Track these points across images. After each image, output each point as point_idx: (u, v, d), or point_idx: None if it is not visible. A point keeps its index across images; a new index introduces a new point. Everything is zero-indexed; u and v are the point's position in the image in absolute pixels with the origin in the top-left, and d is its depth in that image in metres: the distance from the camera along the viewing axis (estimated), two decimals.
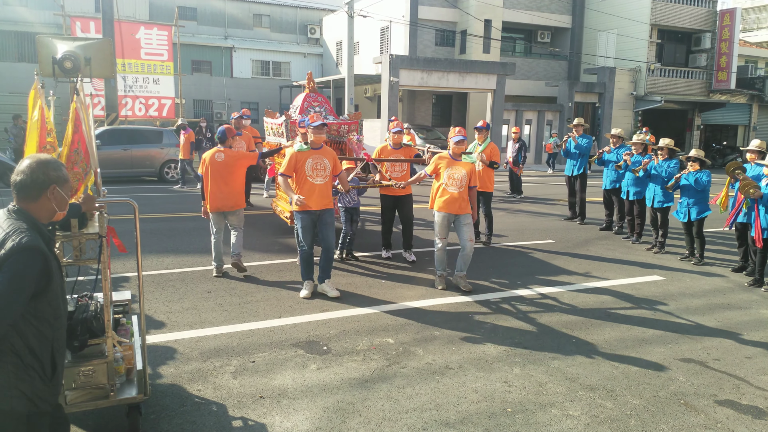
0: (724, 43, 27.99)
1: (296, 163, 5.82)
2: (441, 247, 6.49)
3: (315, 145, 5.87)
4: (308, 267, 6.05)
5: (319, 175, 5.82)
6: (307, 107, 8.24)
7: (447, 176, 6.29)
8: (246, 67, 33.22)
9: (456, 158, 6.36)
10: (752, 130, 31.37)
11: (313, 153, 5.85)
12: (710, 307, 6.21)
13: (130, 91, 19.24)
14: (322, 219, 5.92)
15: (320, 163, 5.83)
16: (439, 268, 6.55)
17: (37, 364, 2.12)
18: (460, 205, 6.31)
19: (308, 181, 5.79)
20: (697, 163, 7.73)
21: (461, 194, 6.30)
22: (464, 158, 6.44)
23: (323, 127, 5.86)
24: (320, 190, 5.83)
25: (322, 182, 5.85)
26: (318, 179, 5.82)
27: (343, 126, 8.16)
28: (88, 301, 3.34)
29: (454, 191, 6.28)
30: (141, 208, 10.67)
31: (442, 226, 6.43)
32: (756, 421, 3.82)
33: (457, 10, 25.91)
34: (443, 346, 4.87)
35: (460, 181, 6.27)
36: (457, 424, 3.64)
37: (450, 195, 6.29)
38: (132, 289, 5.79)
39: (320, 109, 8.31)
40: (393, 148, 7.67)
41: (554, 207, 12.86)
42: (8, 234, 2.03)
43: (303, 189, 5.80)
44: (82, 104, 3.45)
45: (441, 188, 6.35)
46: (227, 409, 3.74)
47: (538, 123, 26.37)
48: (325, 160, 5.88)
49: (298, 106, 8.29)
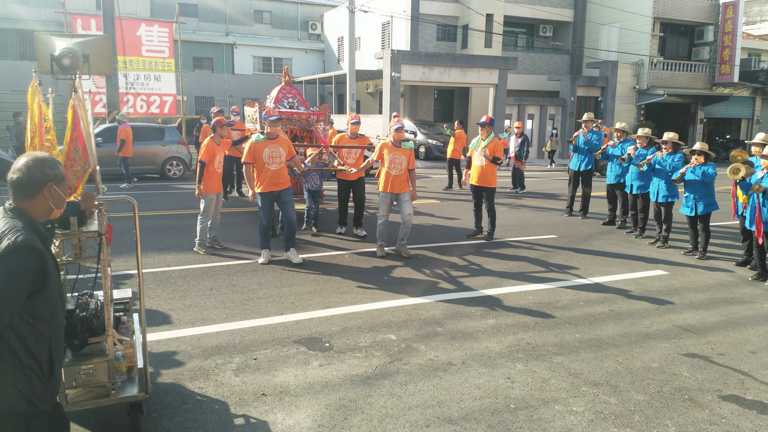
0: (727, 36, 27.82)
1: (255, 152, 6.71)
2: (383, 222, 7.52)
3: (271, 135, 6.74)
4: (266, 238, 7.06)
5: (274, 161, 6.73)
6: (282, 98, 9.35)
7: (389, 161, 7.32)
8: (247, 63, 33.19)
9: (396, 145, 7.37)
10: (756, 123, 31.23)
11: (270, 143, 6.73)
12: (714, 301, 6.18)
13: (132, 89, 19.18)
14: (281, 198, 6.87)
15: (276, 152, 6.74)
16: (379, 239, 7.58)
17: (35, 364, 2.10)
18: (400, 184, 7.37)
19: (265, 168, 6.71)
20: (702, 157, 7.69)
21: (401, 176, 7.36)
22: (403, 145, 7.39)
23: (278, 120, 6.78)
24: (276, 174, 6.77)
25: (278, 168, 6.77)
26: (273, 165, 6.73)
27: (312, 116, 9.20)
28: (88, 299, 3.32)
29: (395, 173, 7.33)
30: (143, 205, 10.51)
31: (385, 204, 7.45)
32: (761, 416, 3.79)
33: (458, 5, 25.80)
34: (446, 342, 4.85)
35: (400, 165, 7.33)
36: (460, 421, 3.62)
37: (391, 176, 7.32)
38: (133, 286, 5.78)
39: (293, 100, 9.43)
40: (350, 137, 8.81)
41: (557, 202, 12.82)
42: (4, 233, 2.01)
43: (261, 174, 6.74)
44: (80, 101, 3.43)
45: (384, 171, 7.37)
46: (229, 406, 3.73)
47: (540, 117, 26.28)
48: (280, 148, 6.77)
49: (273, 97, 9.39)
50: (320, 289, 6.14)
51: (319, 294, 5.99)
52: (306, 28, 36.11)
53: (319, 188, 8.98)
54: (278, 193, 6.84)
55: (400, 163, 7.33)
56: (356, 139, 8.84)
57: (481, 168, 8.51)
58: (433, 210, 11.31)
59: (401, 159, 7.33)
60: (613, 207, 10.19)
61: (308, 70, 33.46)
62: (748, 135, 30.78)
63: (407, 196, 7.44)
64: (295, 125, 9.04)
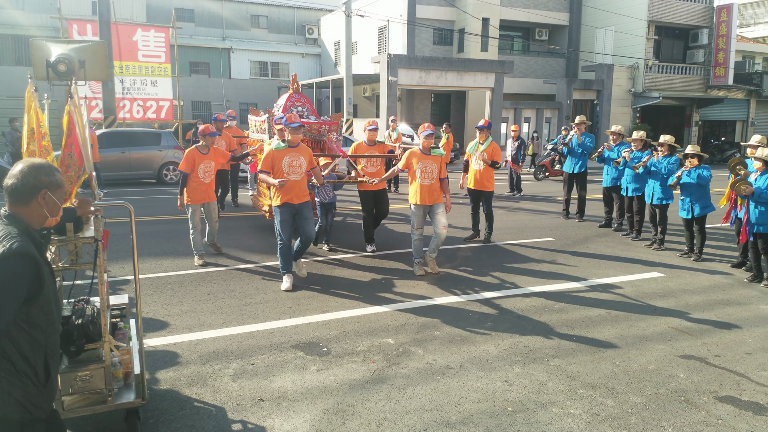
0: (722, 38, 27.97)
1: (273, 161, 6.13)
2: (418, 237, 6.93)
3: (292, 143, 6.16)
4: (287, 259, 6.32)
5: (295, 171, 6.13)
6: (290, 106, 8.62)
7: (420, 170, 6.76)
8: (244, 68, 33.21)
9: (426, 152, 6.82)
10: (750, 125, 31.35)
11: (290, 151, 6.15)
12: (710, 303, 6.19)
13: (128, 94, 19.20)
14: (301, 213, 6.24)
15: (297, 161, 6.15)
16: (417, 256, 7.00)
17: (30, 371, 2.10)
18: (433, 195, 6.80)
19: (285, 178, 6.08)
20: (696, 159, 7.72)
21: (434, 185, 6.79)
22: (433, 152, 6.84)
23: (300, 128, 6.17)
24: (297, 185, 6.15)
25: (298, 178, 6.15)
26: (294, 175, 6.12)
27: (324, 126, 8.51)
28: (84, 305, 3.32)
29: (427, 183, 6.76)
30: (139, 210, 10.48)
31: (419, 217, 6.88)
32: (757, 417, 3.80)
33: (454, 9, 25.90)
34: (443, 345, 4.85)
35: (432, 173, 6.77)
36: (458, 424, 3.62)
37: (424, 187, 6.77)
38: (130, 292, 5.77)
39: (302, 109, 8.67)
40: (368, 145, 8.05)
41: (553, 205, 12.84)
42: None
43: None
44: (76, 107, 3.43)
45: (415, 182, 6.82)
46: (226, 412, 3.72)
47: (536, 121, 26.35)
48: (301, 157, 6.18)
49: (282, 105, 8.68)
50: (318, 294, 6.13)
51: (316, 299, 5.98)
52: (303, 33, 36.17)
53: (333, 200, 8.09)
54: (298, 206, 6.21)
55: (432, 172, 6.76)
56: (375, 146, 8.10)
57: (479, 172, 8.53)
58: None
59: (432, 167, 6.76)
60: (609, 209, 10.22)
61: (305, 75, 33.50)
62: (742, 137, 30.91)
63: (441, 207, 6.85)
64: (306, 136, 8.20)
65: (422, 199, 6.78)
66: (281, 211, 6.16)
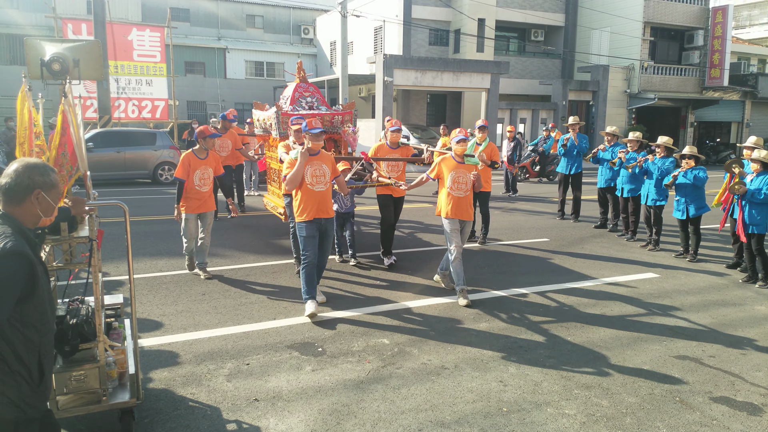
0: (717, 40, 28.10)
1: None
2: (456, 255, 5.93)
3: (312, 150, 5.51)
4: (311, 283, 5.52)
5: (319, 182, 5.47)
6: (298, 98, 7.77)
7: (452, 179, 5.96)
8: (239, 67, 33.17)
9: (459, 160, 6.05)
10: (745, 126, 31.51)
11: (312, 159, 5.47)
12: (705, 303, 6.22)
13: (123, 93, 19.15)
14: (326, 231, 5.60)
15: (319, 170, 5.48)
16: (459, 282, 5.96)
17: (24, 371, 2.10)
18: (467, 209, 6.03)
19: (309, 189, 5.43)
20: (692, 160, 7.75)
21: (467, 198, 6.01)
22: (467, 161, 6.12)
23: (322, 134, 5.55)
24: (323, 198, 5.50)
25: (324, 189, 5.51)
26: (319, 186, 5.47)
27: (337, 117, 7.67)
28: (79, 305, 3.31)
29: (460, 195, 5.97)
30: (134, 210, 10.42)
31: (454, 233, 5.98)
32: (751, 417, 3.82)
33: (450, 10, 25.92)
34: (438, 346, 4.85)
35: (465, 184, 5.98)
36: (453, 425, 3.62)
37: (455, 199, 5.96)
38: (125, 292, 5.75)
39: (312, 99, 7.83)
40: (390, 147, 7.31)
41: (549, 205, 12.87)
42: None
43: (304, 197, 5.45)
44: (70, 106, 3.42)
45: (445, 192, 6.02)
46: (221, 412, 3.71)
47: (532, 121, 26.41)
48: (324, 166, 5.53)
49: (289, 97, 7.83)
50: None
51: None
52: (298, 33, 36.15)
53: (351, 209, 7.36)
54: (325, 222, 5.55)
55: (465, 183, 5.97)
56: (398, 149, 7.30)
57: None
58: (425, 213, 11.33)
59: (466, 178, 5.98)
60: (604, 210, 10.24)
61: None
62: (738, 138, 31.06)
63: (470, 225, 6.18)
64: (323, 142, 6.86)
65: (453, 211, 5.96)
66: (307, 226, 5.46)
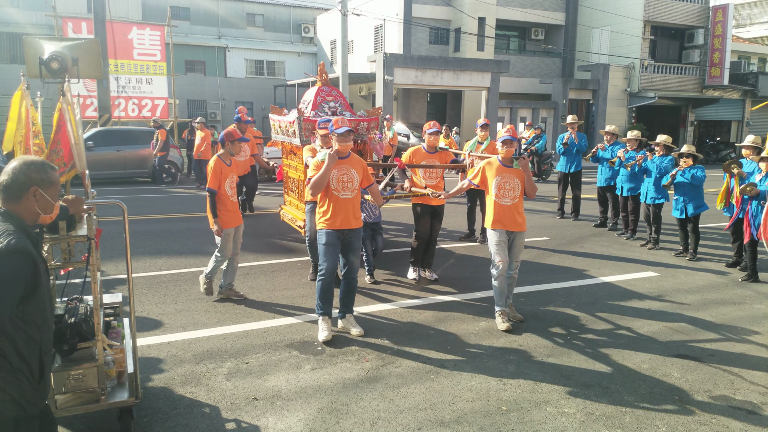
0: (717, 39, 28.06)
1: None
2: (501, 270, 5.27)
3: (341, 154, 4.97)
4: (327, 297, 5.00)
5: (346, 188, 4.92)
6: (320, 102, 7.21)
7: (497, 186, 5.31)
8: (240, 66, 33.13)
9: (506, 164, 5.37)
10: (745, 125, 31.49)
11: (340, 163, 4.92)
12: (704, 302, 6.21)
13: (123, 92, 19.13)
14: (352, 244, 5.04)
15: (347, 175, 4.94)
16: (499, 302, 5.37)
17: (26, 368, 2.11)
18: (516, 219, 5.34)
19: (334, 195, 4.91)
20: (691, 159, 7.75)
21: (515, 206, 5.34)
22: (516, 164, 5.39)
23: (350, 134, 4.96)
24: (349, 206, 4.96)
25: (350, 196, 4.95)
26: (345, 193, 4.92)
27: (362, 123, 7.13)
28: (77, 304, 3.31)
29: (508, 203, 5.31)
30: (133, 209, 10.39)
31: (500, 246, 5.31)
32: (750, 416, 3.82)
33: (451, 8, 25.89)
34: (437, 345, 4.85)
35: (513, 191, 5.31)
36: (452, 423, 3.62)
37: (501, 208, 5.32)
38: (124, 291, 5.75)
39: (335, 104, 7.28)
40: (427, 151, 6.63)
41: (548, 204, 12.86)
42: None
43: (329, 204, 4.94)
44: (68, 105, 3.41)
45: (491, 201, 5.39)
46: (220, 411, 3.72)
47: (532, 120, 26.37)
48: (352, 170, 4.98)
49: (311, 101, 7.23)
50: (312, 293, 6.11)
51: (311, 297, 5.96)
52: (299, 32, 36.10)
53: (378, 219, 6.88)
54: (350, 234, 4.99)
55: (512, 189, 5.29)
56: (436, 154, 6.64)
57: None
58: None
59: (513, 184, 5.29)
60: (604, 209, 10.24)
61: (301, 74, 33.43)
62: (738, 137, 31.02)
63: (522, 237, 5.42)
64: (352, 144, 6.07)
65: (499, 221, 5.31)
66: (327, 233, 4.93)
